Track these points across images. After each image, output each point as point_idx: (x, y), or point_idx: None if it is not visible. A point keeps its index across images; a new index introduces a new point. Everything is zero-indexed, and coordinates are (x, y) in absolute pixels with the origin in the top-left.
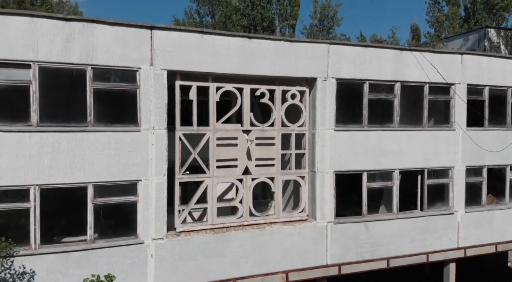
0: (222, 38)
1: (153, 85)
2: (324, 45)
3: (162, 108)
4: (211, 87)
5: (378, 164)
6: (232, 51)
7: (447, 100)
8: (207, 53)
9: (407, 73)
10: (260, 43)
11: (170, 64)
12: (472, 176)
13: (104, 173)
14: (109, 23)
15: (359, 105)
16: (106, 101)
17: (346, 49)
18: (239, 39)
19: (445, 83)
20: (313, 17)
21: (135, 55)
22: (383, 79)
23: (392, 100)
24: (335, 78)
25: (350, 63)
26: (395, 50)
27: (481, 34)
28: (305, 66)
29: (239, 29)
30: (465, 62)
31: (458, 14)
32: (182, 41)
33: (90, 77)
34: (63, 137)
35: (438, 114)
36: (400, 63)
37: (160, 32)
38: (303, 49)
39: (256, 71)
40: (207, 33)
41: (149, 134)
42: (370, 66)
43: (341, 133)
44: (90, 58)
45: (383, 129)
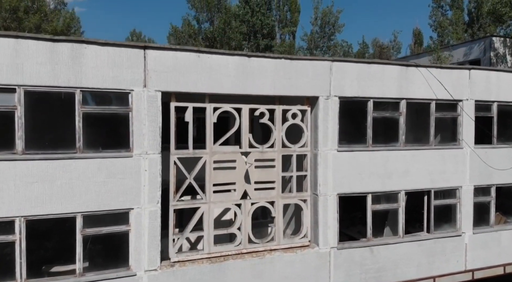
0: (219, 57)
1: (146, 108)
2: (326, 62)
3: (155, 132)
4: (208, 108)
5: (383, 185)
6: (230, 70)
7: (455, 117)
8: (204, 73)
9: (413, 90)
10: (259, 62)
11: (164, 86)
12: (480, 196)
13: (94, 202)
14: (100, 44)
15: (363, 124)
16: (96, 126)
17: (349, 66)
18: (238, 58)
19: (453, 100)
20: (314, 24)
21: (128, 77)
22: (388, 97)
23: (397, 119)
24: (337, 97)
25: (354, 81)
26: (400, 66)
27: (486, 44)
28: (307, 85)
29: (238, 35)
30: (473, 77)
31: (462, 19)
32: (178, 61)
33: (79, 100)
34: (50, 165)
35: (445, 132)
36: (405, 80)
37: (154, 52)
38: (304, 67)
39: (255, 91)
40: (204, 52)
41: (141, 159)
42: (374, 83)
43: (345, 154)
44: (79, 81)
45: (388, 149)
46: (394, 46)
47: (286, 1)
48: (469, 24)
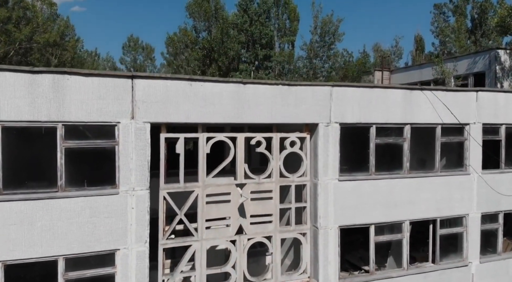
0: (213, 85)
1: (134, 141)
2: (326, 88)
3: (144, 166)
4: (200, 138)
5: (386, 215)
6: (225, 99)
7: (461, 141)
8: (197, 102)
9: (418, 115)
10: (256, 89)
11: (154, 116)
12: (487, 223)
13: (77, 243)
14: (83, 74)
15: (365, 151)
16: (80, 162)
17: (350, 91)
18: (233, 85)
19: (459, 124)
20: (313, 33)
21: (114, 108)
22: (392, 122)
23: (401, 145)
24: (338, 123)
25: (355, 106)
26: (404, 90)
27: (491, 56)
28: (306, 111)
29: (236, 45)
30: (480, 100)
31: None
32: (168, 90)
33: (61, 135)
34: (29, 206)
35: (451, 157)
36: (410, 104)
37: (142, 82)
38: (303, 93)
39: (251, 119)
40: (196, 80)
41: (128, 197)
42: (377, 108)
43: (346, 183)
44: (61, 115)
45: (392, 177)
46: (396, 52)
47: (285, 10)
48: (472, 30)
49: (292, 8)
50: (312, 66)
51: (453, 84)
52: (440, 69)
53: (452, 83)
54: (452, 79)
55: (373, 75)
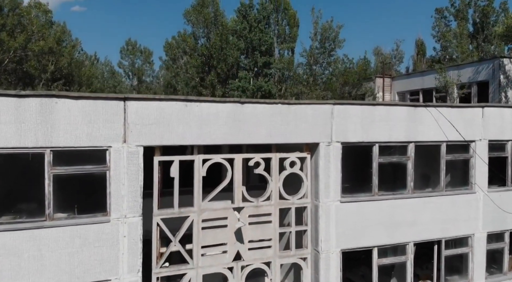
0: (210, 105)
1: (126, 166)
2: (327, 106)
3: (136, 192)
4: (196, 160)
5: (390, 237)
6: (222, 119)
7: (467, 159)
8: (192, 123)
9: (422, 132)
10: (254, 108)
11: (147, 139)
12: (493, 242)
13: (66, 275)
14: (73, 97)
15: (368, 171)
16: (69, 189)
17: (352, 109)
18: (230, 105)
19: (465, 141)
20: (313, 39)
21: (105, 132)
22: (395, 141)
23: (405, 163)
24: (340, 142)
25: (357, 125)
26: (408, 107)
27: (495, 65)
28: (306, 131)
29: (235, 52)
30: (486, 115)
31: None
32: (162, 112)
33: (49, 162)
34: (15, 236)
35: (456, 175)
36: (414, 122)
37: (135, 103)
38: (303, 112)
39: (249, 140)
40: (192, 101)
41: (120, 224)
42: (380, 126)
43: (348, 205)
44: (49, 140)
45: (395, 197)
46: (396, 56)
47: (285, 16)
48: (473, 35)
49: (291, 14)
50: (312, 72)
51: (456, 93)
52: (443, 79)
53: (455, 92)
54: (455, 88)
55: (374, 82)
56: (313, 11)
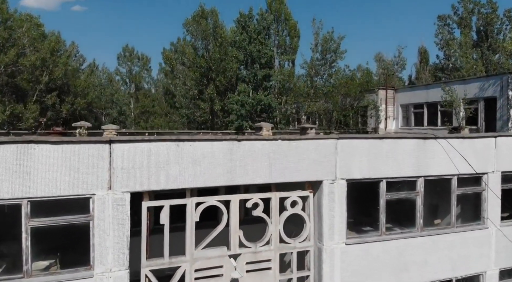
0: (204, 144)
1: (111, 214)
2: (330, 141)
3: (122, 243)
4: (188, 204)
5: (398, 279)
6: (217, 159)
7: (478, 192)
8: (185, 165)
9: (432, 166)
10: (252, 146)
11: (135, 185)
12: (505, 278)
13: None
14: (53, 142)
15: (375, 208)
16: (49, 241)
17: (358, 144)
18: (226, 143)
19: (476, 174)
20: (314, 50)
21: (88, 179)
22: (404, 176)
23: (414, 199)
24: (345, 179)
25: (363, 160)
26: (417, 139)
27: (503, 81)
28: (308, 168)
29: (234, 65)
30: (499, 145)
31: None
32: (151, 154)
33: (26, 213)
34: None
35: (466, 209)
36: (423, 155)
37: (121, 146)
38: (305, 148)
39: (246, 180)
40: (184, 140)
41: (105, 279)
42: (388, 161)
43: (354, 247)
44: (26, 190)
45: (404, 236)
46: (398, 62)
47: (285, 26)
48: (477, 43)
49: (292, 25)
50: (313, 84)
51: (462, 112)
52: (450, 98)
53: (461, 111)
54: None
55: (376, 94)
56: (313, 22)
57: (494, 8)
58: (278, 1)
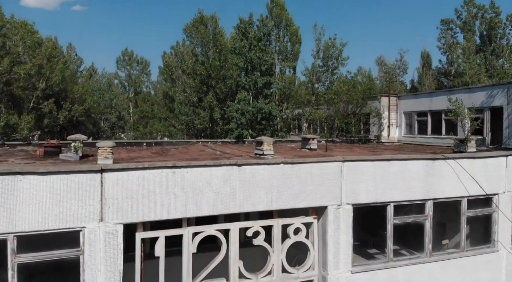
0: (201, 171)
1: (102, 248)
2: (335, 164)
3: (115, 278)
4: (185, 235)
5: None
6: (216, 185)
7: (489, 213)
8: (181, 193)
9: (441, 188)
10: (253, 171)
11: (128, 216)
12: None
13: None
14: (40, 173)
15: (381, 233)
16: (36, 278)
17: (364, 166)
18: (225, 168)
19: (487, 195)
20: (315, 57)
21: (78, 211)
22: (412, 199)
23: (422, 223)
24: (351, 204)
25: (370, 183)
26: (426, 160)
27: (510, 90)
28: (313, 193)
29: (234, 72)
30: (510, 165)
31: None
32: (146, 182)
33: (12, 249)
34: None
35: (476, 231)
36: (432, 176)
37: (114, 175)
38: (309, 172)
39: (247, 207)
40: (181, 167)
41: None
42: (395, 184)
43: (361, 275)
44: (12, 225)
45: (412, 262)
46: (400, 66)
47: (286, 32)
48: (481, 48)
49: (293, 31)
50: (314, 91)
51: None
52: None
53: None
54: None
55: (379, 101)
56: (315, 28)
57: (497, 13)
58: (279, 6)
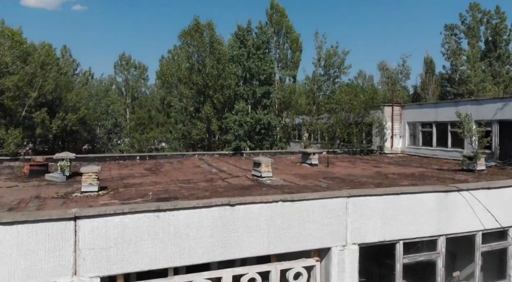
0: (189, 213)
1: None
2: (339, 200)
3: None
4: None
5: None
6: (206, 229)
7: (505, 247)
8: (167, 239)
9: (455, 222)
10: (247, 211)
11: (105, 268)
12: None
13: None
14: (4, 223)
15: (389, 274)
16: None
17: (372, 202)
18: (217, 209)
19: (502, 228)
20: (316, 65)
21: (48, 265)
22: (423, 236)
23: (434, 261)
24: (357, 244)
25: (378, 220)
26: (438, 193)
27: None
28: (314, 233)
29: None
30: None
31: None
32: (126, 229)
33: None
34: None
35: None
36: (445, 210)
37: (89, 223)
38: (310, 210)
39: (242, 253)
40: (166, 210)
41: None
42: (405, 220)
43: None
44: None
45: None
46: (403, 71)
47: (286, 39)
48: (486, 54)
49: (294, 38)
50: (315, 101)
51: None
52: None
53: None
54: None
55: (382, 111)
56: (316, 36)
57: (503, 18)
58: (279, 13)
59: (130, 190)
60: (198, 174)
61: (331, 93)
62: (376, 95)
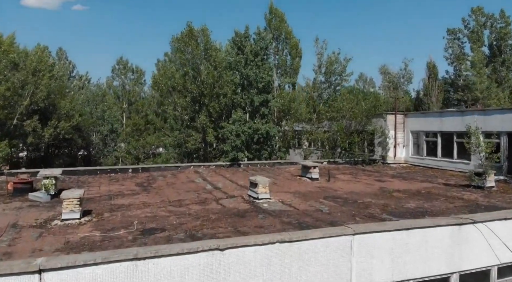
0: (173, 260)
1: None
2: (344, 238)
3: None
4: None
5: None
6: (192, 279)
7: None
8: None
9: (468, 257)
10: (239, 254)
11: None
12: None
13: None
14: None
15: None
16: None
17: (379, 239)
18: (205, 255)
19: None
20: (317, 72)
21: None
22: (435, 275)
23: None
24: None
25: (385, 259)
26: (452, 226)
27: None
28: (316, 277)
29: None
30: None
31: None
32: (96, 277)
33: None
34: None
35: None
36: (458, 245)
37: (56, 276)
38: (311, 250)
39: None
40: (146, 258)
41: None
42: (415, 257)
43: None
44: None
45: None
46: (405, 75)
47: (286, 45)
48: (490, 59)
49: (293, 44)
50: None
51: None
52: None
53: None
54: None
55: (384, 119)
56: (317, 42)
57: (508, 22)
58: (278, 18)
59: (116, 216)
60: (192, 192)
61: (332, 101)
62: (379, 103)
